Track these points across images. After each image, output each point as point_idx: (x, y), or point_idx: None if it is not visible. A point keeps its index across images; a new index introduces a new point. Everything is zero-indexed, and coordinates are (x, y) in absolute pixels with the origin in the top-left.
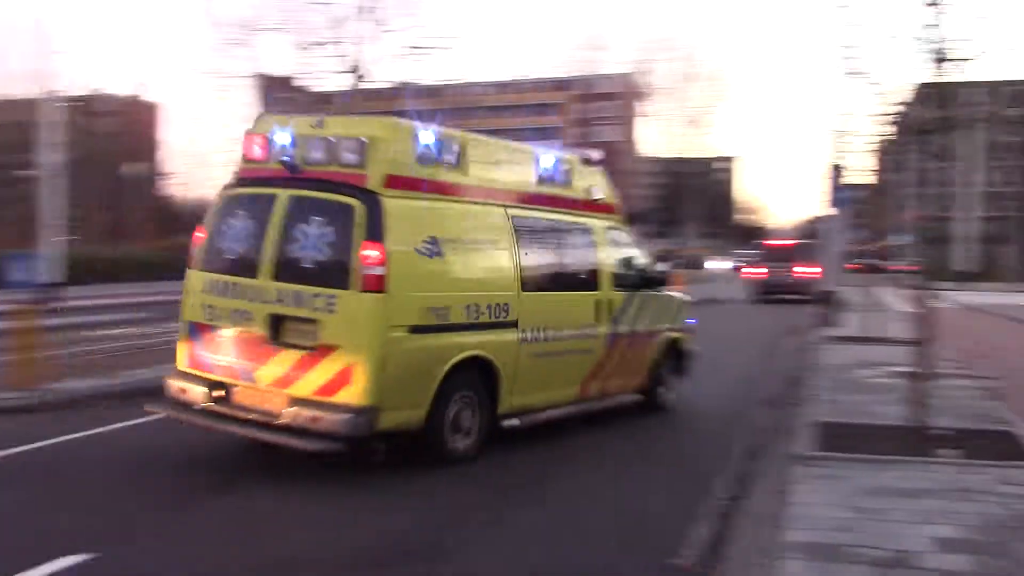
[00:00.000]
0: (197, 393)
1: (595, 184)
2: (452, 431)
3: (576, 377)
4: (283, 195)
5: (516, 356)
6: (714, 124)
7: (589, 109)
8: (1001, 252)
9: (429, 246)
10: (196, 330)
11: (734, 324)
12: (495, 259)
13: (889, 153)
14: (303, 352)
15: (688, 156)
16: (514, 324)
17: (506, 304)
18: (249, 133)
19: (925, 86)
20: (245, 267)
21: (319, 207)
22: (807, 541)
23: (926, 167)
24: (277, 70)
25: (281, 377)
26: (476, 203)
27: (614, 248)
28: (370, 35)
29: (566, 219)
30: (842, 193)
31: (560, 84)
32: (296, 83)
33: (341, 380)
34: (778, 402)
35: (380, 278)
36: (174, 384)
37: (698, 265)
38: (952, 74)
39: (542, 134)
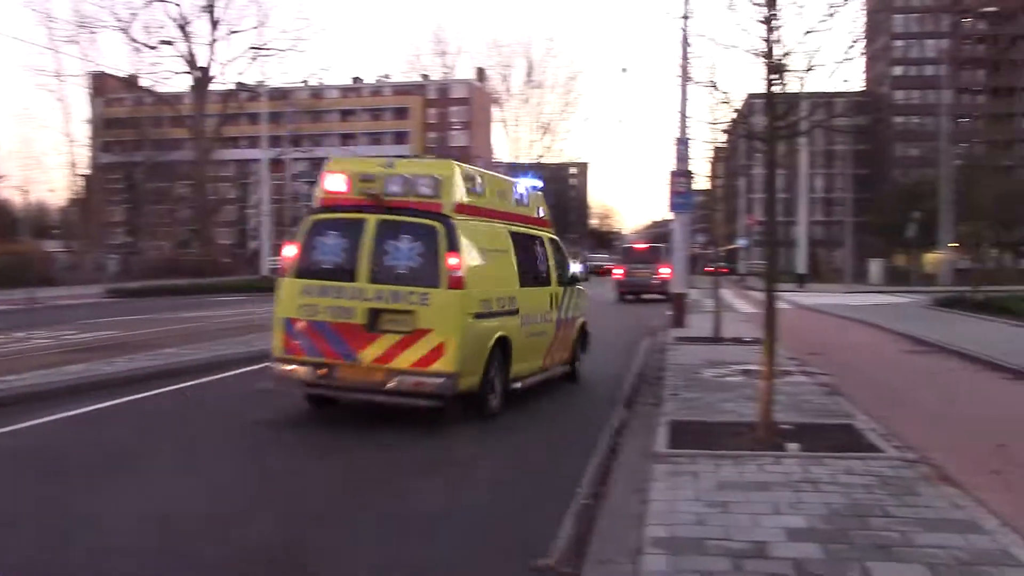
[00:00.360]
0: (304, 372)
1: (541, 204)
2: (490, 391)
3: (542, 352)
4: (372, 219)
5: (519, 336)
6: (566, 131)
7: (441, 114)
8: (834, 255)
9: (479, 255)
10: (293, 325)
11: (595, 324)
12: (506, 264)
13: (729, 159)
14: (400, 336)
15: (543, 162)
16: (517, 312)
17: (512, 297)
18: (329, 171)
19: (760, 95)
20: (343, 273)
21: (407, 228)
22: (667, 536)
23: (763, 173)
24: (115, 69)
25: (382, 355)
26: (494, 222)
27: (555, 253)
28: (216, 36)
29: (532, 232)
30: (683, 199)
31: (413, 88)
32: (137, 82)
33: (435, 355)
34: (635, 401)
35: (460, 279)
36: (280, 368)
37: None
38: (786, 85)
39: (396, 138)
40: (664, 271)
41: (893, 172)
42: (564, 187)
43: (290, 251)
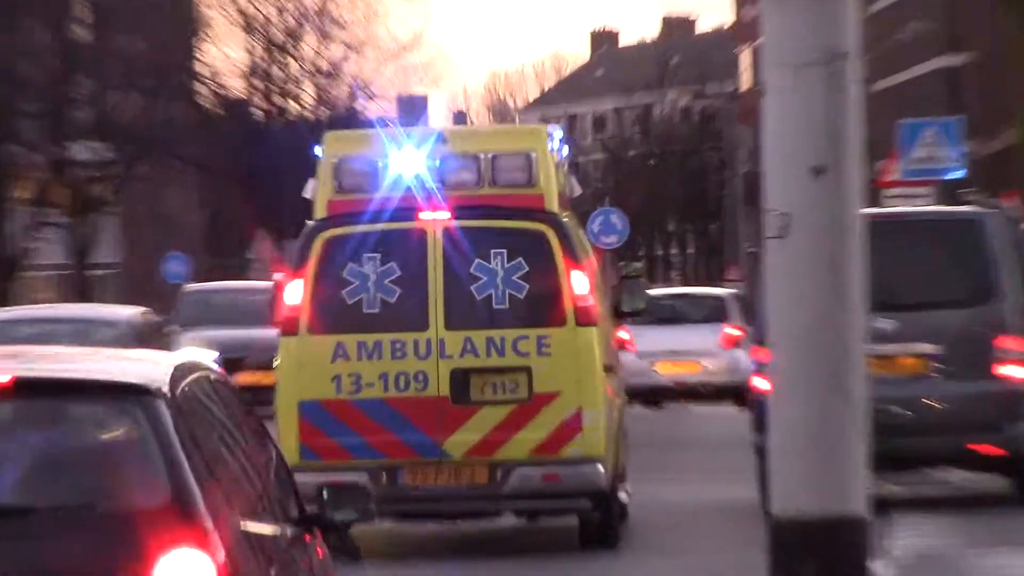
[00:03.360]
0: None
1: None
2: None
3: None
4: (433, 228)
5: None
6: None
7: None
8: None
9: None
10: (321, 411)
11: None
12: (600, 288)
13: None
14: (509, 407)
15: None
16: (613, 367)
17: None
18: (338, 153)
19: None
20: (400, 319)
21: (496, 238)
22: None
23: None
24: None
25: (482, 441)
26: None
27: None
28: None
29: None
30: None
31: None
32: None
33: (568, 430)
34: None
35: (592, 309)
36: (310, 482)
37: None
38: None
39: None
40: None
41: None
42: None
43: (294, 291)
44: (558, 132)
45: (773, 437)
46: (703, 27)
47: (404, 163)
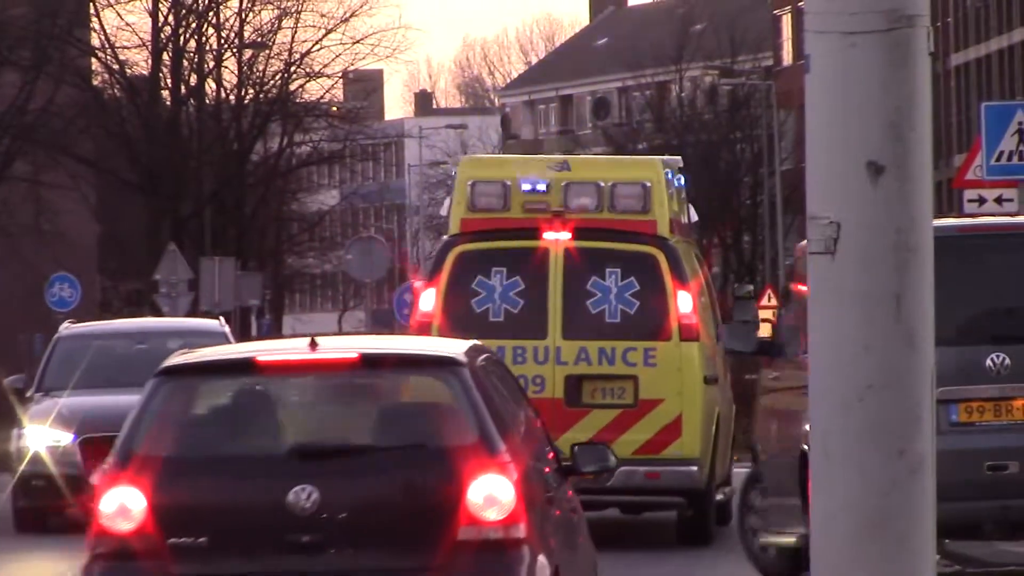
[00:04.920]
0: None
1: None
2: (716, 494)
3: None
4: (556, 247)
5: (726, 415)
6: None
7: None
8: None
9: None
10: None
11: None
12: (707, 305)
13: None
14: (616, 411)
15: None
16: (717, 378)
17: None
18: (472, 178)
19: None
20: (521, 328)
21: (612, 258)
22: None
23: None
24: None
25: (592, 440)
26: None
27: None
28: None
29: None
30: None
31: None
32: None
33: (669, 434)
34: None
35: (696, 326)
36: None
37: None
38: None
39: None
40: None
41: None
42: None
43: (428, 298)
44: (675, 164)
45: (816, 513)
46: None
47: (531, 187)
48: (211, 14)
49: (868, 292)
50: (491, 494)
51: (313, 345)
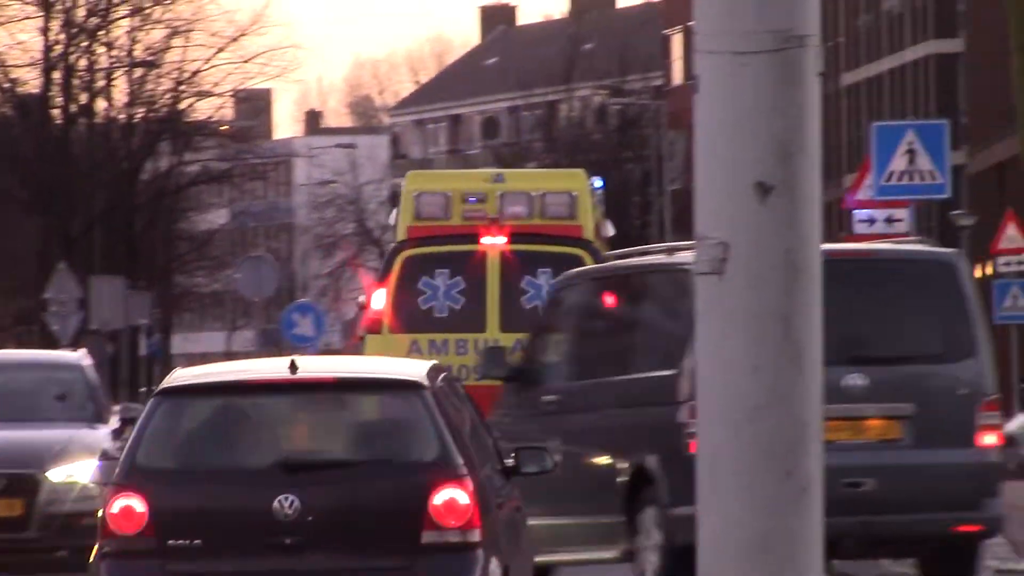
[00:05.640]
0: None
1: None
2: None
3: None
4: (492, 251)
5: None
6: None
7: None
8: None
9: None
10: None
11: None
12: None
13: None
14: None
15: None
16: None
17: None
18: (418, 189)
19: None
20: (466, 323)
21: (545, 261)
22: None
23: None
24: None
25: None
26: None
27: None
28: None
29: None
30: None
31: None
32: None
33: None
34: None
35: None
36: None
37: None
38: None
39: None
40: None
41: None
42: None
43: (379, 298)
44: (596, 181)
45: (703, 534)
46: (625, 1)
47: (470, 197)
48: (102, 33)
49: (757, 312)
50: (450, 503)
51: (293, 368)
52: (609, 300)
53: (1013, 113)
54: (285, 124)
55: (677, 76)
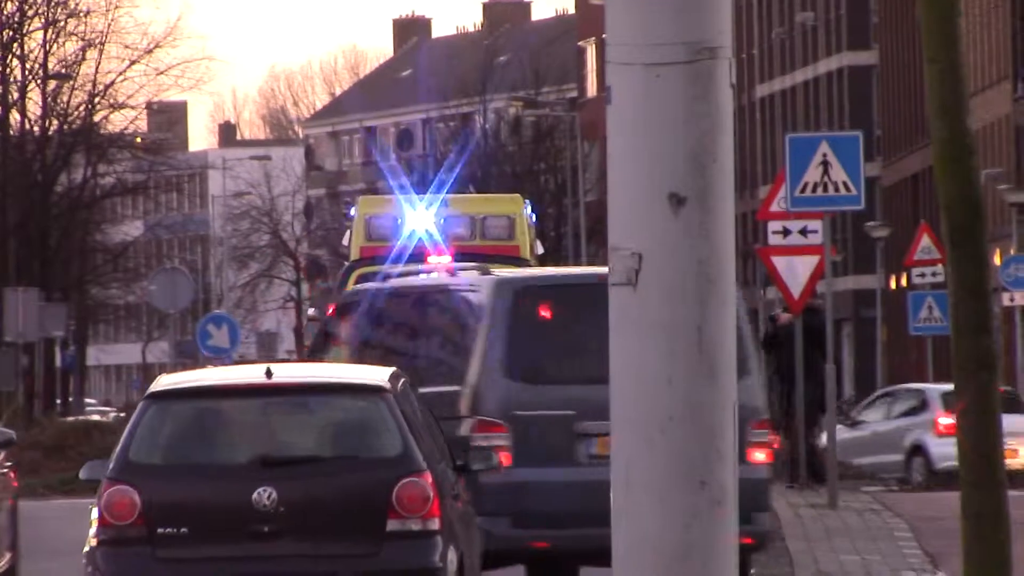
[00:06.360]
0: None
1: None
2: None
3: None
4: (438, 268)
5: None
6: None
7: None
8: None
9: None
10: None
11: None
12: None
13: None
14: None
15: None
16: None
17: None
18: (368, 213)
19: None
20: None
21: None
22: None
23: None
24: None
25: None
26: None
27: None
28: None
29: None
30: None
31: None
32: None
33: None
34: None
35: None
36: None
37: None
38: None
39: None
40: None
41: None
42: None
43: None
44: (528, 207)
45: (617, 545)
46: (539, 13)
47: (417, 220)
48: (15, 45)
49: (670, 323)
50: (412, 495)
51: (269, 374)
52: (397, 316)
53: (926, 125)
54: (200, 136)
55: (591, 88)
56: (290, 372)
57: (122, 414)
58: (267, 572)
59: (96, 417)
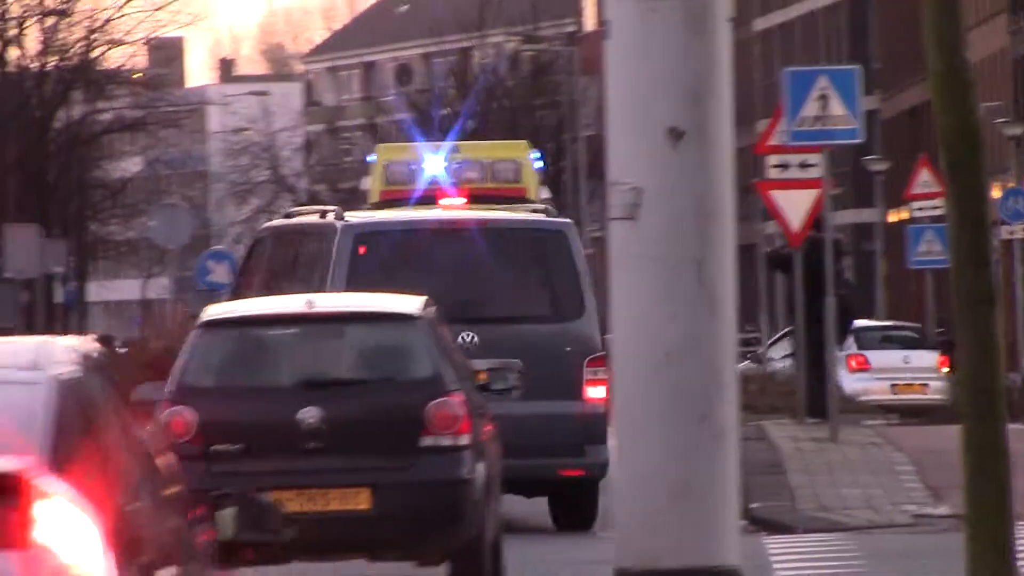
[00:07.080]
0: None
1: None
2: None
3: None
4: (452, 208)
5: None
6: None
7: None
8: None
9: None
10: None
11: None
12: None
13: None
14: None
15: None
16: None
17: None
18: (387, 162)
19: None
20: None
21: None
22: None
23: None
24: None
25: None
26: None
27: None
28: None
29: None
30: None
31: None
32: None
33: None
34: None
35: None
36: None
37: None
38: None
39: None
40: None
41: None
42: None
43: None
44: (535, 152)
45: (622, 477)
46: None
47: (432, 165)
48: None
49: (669, 257)
50: (444, 413)
51: (310, 304)
52: (280, 253)
53: (925, 58)
54: (198, 72)
55: (590, 22)
56: (330, 302)
57: (124, 350)
58: (311, 484)
59: None
